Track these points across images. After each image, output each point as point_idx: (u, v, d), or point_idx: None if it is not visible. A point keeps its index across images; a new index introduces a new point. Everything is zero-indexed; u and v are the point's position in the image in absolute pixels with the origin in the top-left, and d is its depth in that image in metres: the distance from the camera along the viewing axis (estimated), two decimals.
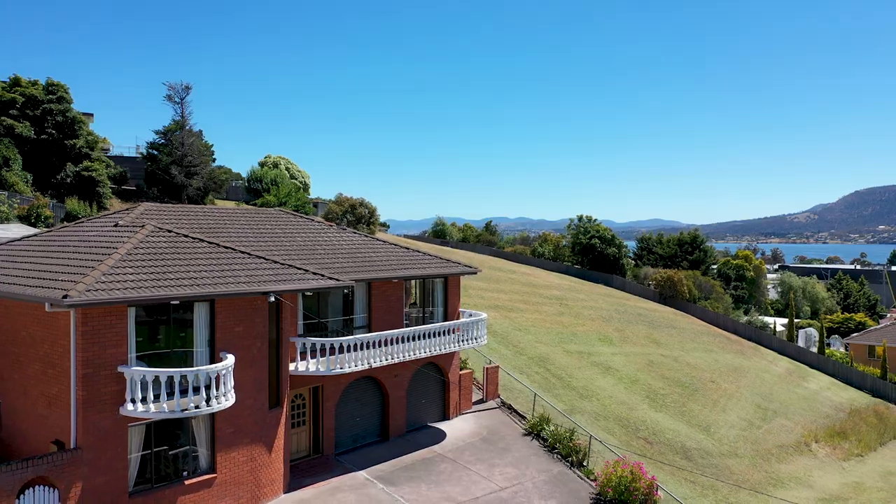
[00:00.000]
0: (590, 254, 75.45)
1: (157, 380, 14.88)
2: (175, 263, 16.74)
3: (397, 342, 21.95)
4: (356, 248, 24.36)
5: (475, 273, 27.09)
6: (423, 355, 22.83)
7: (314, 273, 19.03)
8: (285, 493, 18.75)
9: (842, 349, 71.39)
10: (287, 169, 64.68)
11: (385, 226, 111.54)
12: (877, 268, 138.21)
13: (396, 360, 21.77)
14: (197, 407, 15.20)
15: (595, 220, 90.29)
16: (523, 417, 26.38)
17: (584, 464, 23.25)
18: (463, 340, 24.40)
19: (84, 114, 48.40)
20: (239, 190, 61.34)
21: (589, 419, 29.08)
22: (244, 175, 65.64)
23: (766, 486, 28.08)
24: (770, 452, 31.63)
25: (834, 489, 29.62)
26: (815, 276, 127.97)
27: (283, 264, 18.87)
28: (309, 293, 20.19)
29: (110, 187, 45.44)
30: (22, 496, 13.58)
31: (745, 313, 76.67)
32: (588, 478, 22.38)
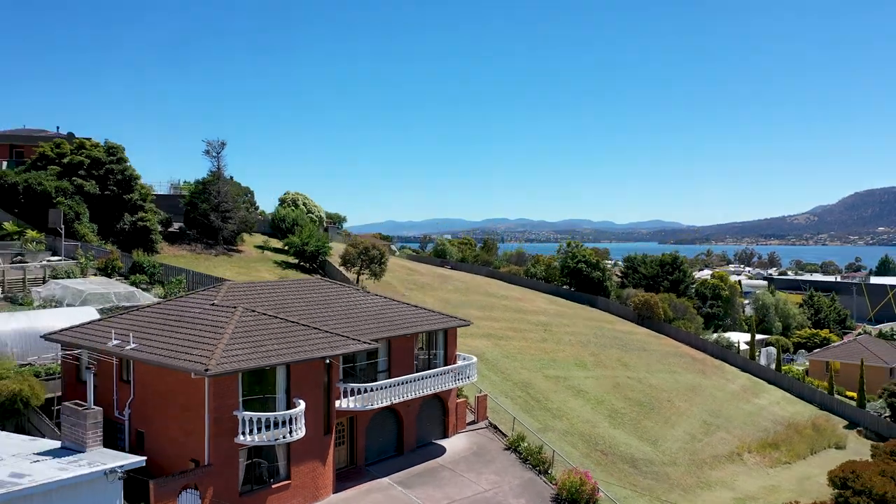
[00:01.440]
0: (577, 276, 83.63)
1: (258, 420, 23.03)
2: (262, 338, 24.88)
3: (410, 383, 30.11)
4: (379, 309, 32.54)
5: (468, 325, 35.30)
6: (429, 392, 31.02)
7: (352, 339, 27.19)
8: (333, 493, 26.89)
9: (805, 364, 79.44)
10: (304, 204, 73.14)
11: (389, 240, 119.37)
12: (855, 281, 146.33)
13: (410, 398, 29.95)
14: (283, 437, 23.37)
15: (583, 244, 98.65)
16: (505, 436, 34.52)
17: (549, 472, 31.40)
18: (458, 379, 32.60)
19: (115, 145, 56.03)
20: (265, 223, 69.31)
21: (558, 436, 37.22)
22: (261, 202, 74.06)
23: (696, 489, 36.22)
24: (704, 461, 39.78)
25: (752, 491, 37.75)
26: (807, 287, 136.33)
27: (332, 333, 27.03)
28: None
29: (159, 232, 53.67)
30: (179, 496, 21.69)
31: (717, 331, 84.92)
32: (550, 483, 30.54)
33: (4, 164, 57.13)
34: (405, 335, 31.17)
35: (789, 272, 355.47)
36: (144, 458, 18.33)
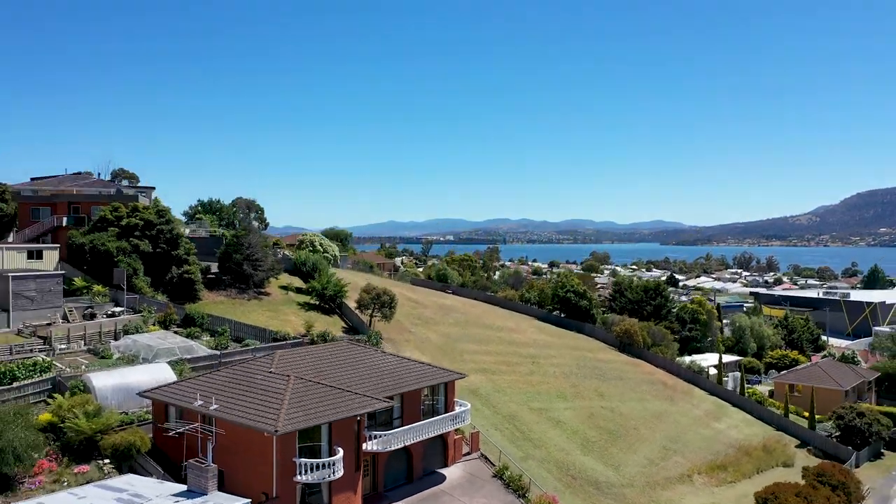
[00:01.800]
0: (566, 304, 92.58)
1: (310, 464, 32.01)
2: (311, 402, 33.87)
3: (418, 428, 39.08)
4: (393, 368, 41.59)
5: (463, 377, 44.34)
6: (433, 434, 40.02)
7: (376, 399, 36.22)
8: None
9: (771, 385, 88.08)
10: (321, 244, 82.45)
11: (392, 252, 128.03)
12: (835, 297, 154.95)
13: (419, 440, 38.97)
14: (327, 477, 32.37)
15: (573, 270, 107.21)
16: (493, 465, 43.51)
17: (526, 496, 40.36)
18: (455, 423, 41.64)
19: (164, 208, 65.15)
20: (286, 262, 78.29)
21: (537, 463, 46.17)
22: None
23: None
24: (658, 483, 48.67)
25: None
26: (787, 304, 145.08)
27: (361, 395, 36.02)
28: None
29: (200, 281, 62.75)
30: None
31: (693, 354, 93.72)
32: None
33: (65, 219, 66.42)
34: (414, 390, 40.19)
35: (785, 278, 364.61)
36: (249, 499, 27.30)
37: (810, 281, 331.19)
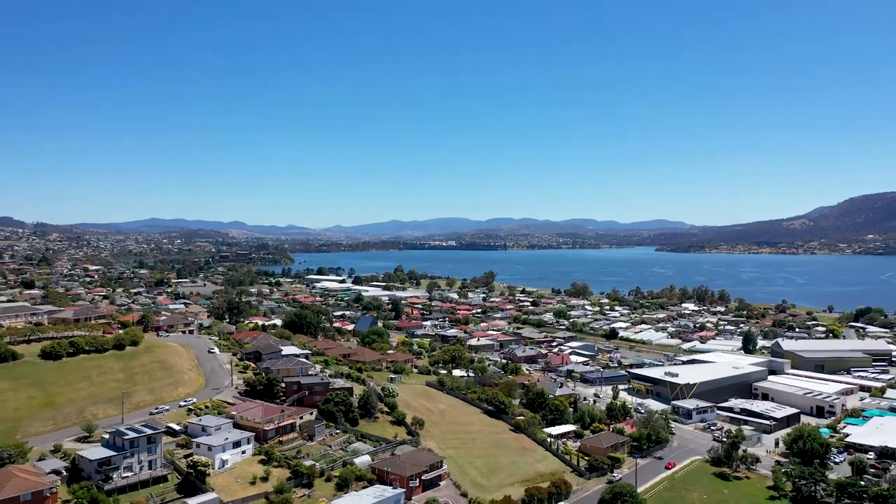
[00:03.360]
0: (496, 404, 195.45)
1: None
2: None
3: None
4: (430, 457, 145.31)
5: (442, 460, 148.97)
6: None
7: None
8: None
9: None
10: (392, 390, 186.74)
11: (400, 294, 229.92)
12: (665, 378, 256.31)
13: None
14: None
15: (544, 321, 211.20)
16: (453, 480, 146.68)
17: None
18: (443, 468, 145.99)
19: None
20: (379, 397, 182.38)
21: (474, 477, 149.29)
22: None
23: None
24: (504, 486, 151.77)
25: None
26: (646, 382, 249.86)
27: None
28: None
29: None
30: None
31: (554, 425, 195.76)
32: None
33: None
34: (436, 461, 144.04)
35: (720, 319, 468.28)
36: None
37: (734, 329, 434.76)
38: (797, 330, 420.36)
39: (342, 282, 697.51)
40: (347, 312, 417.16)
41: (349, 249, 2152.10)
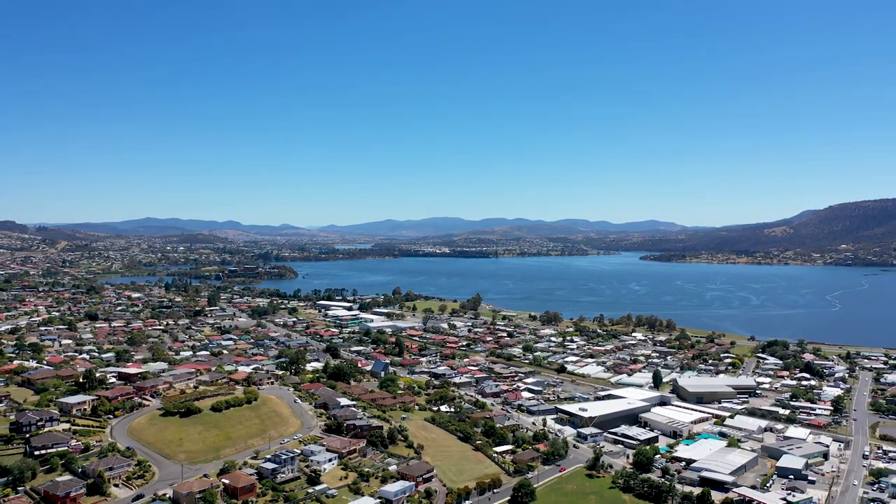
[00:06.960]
0: (466, 435, 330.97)
1: None
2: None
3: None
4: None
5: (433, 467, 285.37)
6: None
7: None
8: None
9: None
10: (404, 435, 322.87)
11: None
12: (574, 411, 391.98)
13: None
14: None
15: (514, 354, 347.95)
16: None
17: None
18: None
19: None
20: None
21: (444, 467, 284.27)
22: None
23: None
24: (463, 481, 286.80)
25: None
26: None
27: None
28: None
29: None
30: None
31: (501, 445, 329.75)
32: None
33: None
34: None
35: (655, 347, 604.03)
36: None
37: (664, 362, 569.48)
38: (710, 362, 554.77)
39: (350, 308, 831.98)
40: (362, 348, 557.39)
41: (346, 257, 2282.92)
